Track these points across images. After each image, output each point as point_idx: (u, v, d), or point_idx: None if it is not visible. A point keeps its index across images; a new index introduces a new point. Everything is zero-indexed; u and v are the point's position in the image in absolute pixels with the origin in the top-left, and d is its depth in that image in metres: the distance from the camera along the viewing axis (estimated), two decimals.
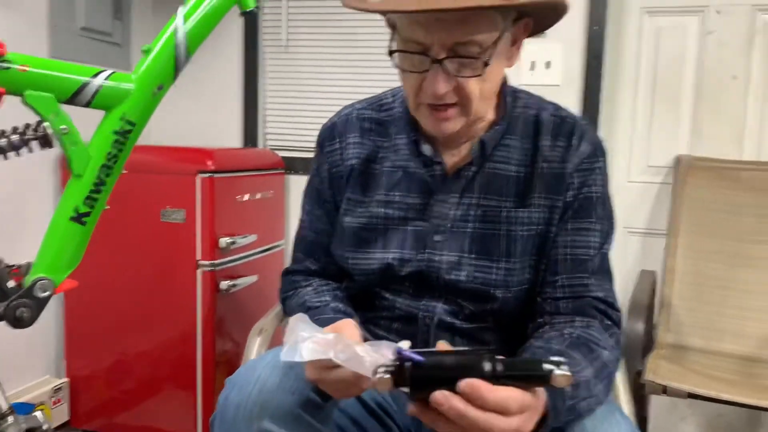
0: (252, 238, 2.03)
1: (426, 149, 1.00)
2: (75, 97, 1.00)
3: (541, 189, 0.98)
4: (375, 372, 0.68)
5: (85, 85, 1.01)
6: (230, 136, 2.41)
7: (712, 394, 1.45)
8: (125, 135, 1.05)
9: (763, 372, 1.76)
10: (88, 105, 1.02)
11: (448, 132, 0.93)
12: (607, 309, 0.96)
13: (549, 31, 1.00)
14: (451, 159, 1.01)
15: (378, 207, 1.03)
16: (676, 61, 2.08)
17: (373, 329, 1.06)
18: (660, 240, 2.02)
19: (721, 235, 1.95)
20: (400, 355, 0.68)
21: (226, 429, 0.87)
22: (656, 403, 2.04)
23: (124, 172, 1.07)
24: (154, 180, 1.88)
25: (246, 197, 2.02)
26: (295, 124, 2.37)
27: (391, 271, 1.01)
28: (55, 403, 2.00)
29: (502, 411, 0.67)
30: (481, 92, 0.90)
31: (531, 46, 2.03)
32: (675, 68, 2.09)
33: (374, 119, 1.07)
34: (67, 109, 0.99)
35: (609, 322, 0.95)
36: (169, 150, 2.01)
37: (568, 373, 0.66)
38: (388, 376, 0.68)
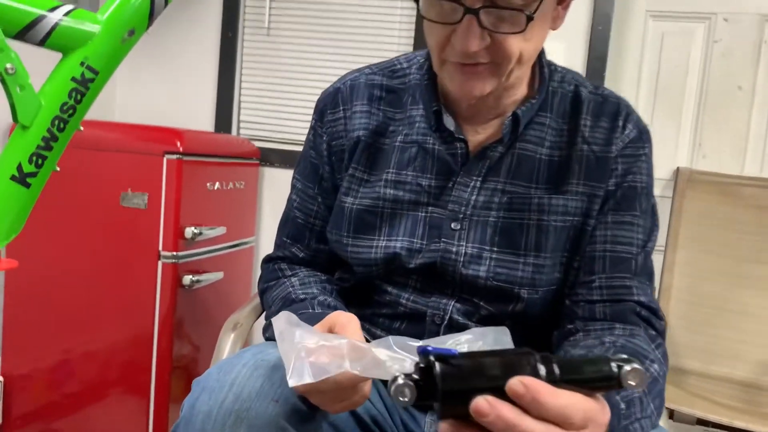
0: (221, 230, 1.85)
1: (448, 122, 0.86)
2: (26, 32, 0.83)
3: (580, 174, 0.85)
4: (393, 381, 0.50)
5: (40, 18, 0.84)
6: (201, 121, 2.23)
7: (725, 421, 1.33)
8: (85, 84, 0.88)
9: (764, 400, 1.65)
10: (42, 44, 0.85)
11: (477, 93, 0.79)
12: (650, 316, 0.82)
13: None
14: (475, 136, 0.87)
15: (386, 187, 0.88)
16: (680, 68, 1.99)
17: (370, 328, 0.90)
18: (657, 256, 1.90)
19: (720, 252, 1.85)
20: (424, 355, 0.51)
21: None
22: None
23: (80, 129, 0.90)
24: (115, 159, 1.69)
25: (216, 186, 1.85)
26: (273, 113, 2.21)
27: (398, 263, 0.86)
28: None
29: (564, 422, 0.50)
30: (521, 54, 0.76)
31: None
32: (678, 75, 1.99)
33: (385, 86, 0.92)
34: (16, 46, 0.82)
35: (653, 332, 0.81)
36: (133, 128, 1.83)
37: (641, 368, 0.51)
38: (410, 383, 0.50)
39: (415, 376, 0.50)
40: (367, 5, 2.08)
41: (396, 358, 0.54)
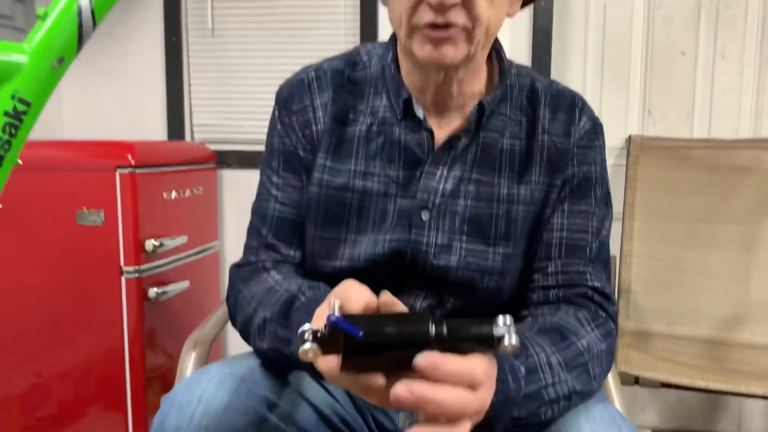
0: (182, 239, 1.84)
1: (418, 111, 0.86)
2: None
3: (542, 164, 0.87)
4: (300, 336, 0.57)
5: None
6: (154, 130, 2.20)
7: (686, 382, 1.38)
8: (19, 117, 0.87)
9: (727, 355, 1.71)
10: None
11: (449, 60, 0.77)
12: (602, 301, 0.84)
13: None
14: (439, 130, 0.88)
15: (355, 178, 0.87)
16: (624, 37, 2.02)
17: None
18: (616, 223, 1.94)
19: (675, 216, 1.90)
20: (333, 326, 0.57)
21: None
22: None
23: (19, 162, 0.88)
24: (67, 178, 1.67)
25: (173, 195, 1.83)
26: (226, 115, 2.19)
27: (370, 257, 0.86)
28: None
29: (470, 381, 0.59)
30: (489, 18, 0.77)
31: None
32: (623, 45, 2.02)
33: (348, 76, 0.91)
34: None
35: (603, 314, 0.83)
36: (83, 144, 1.80)
37: (514, 332, 0.58)
38: (315, 345, 0.57)
39: (323, 338, 0.57)
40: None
41: None
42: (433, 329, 0.57)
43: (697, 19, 1.97)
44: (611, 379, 0.93)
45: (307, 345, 0.56)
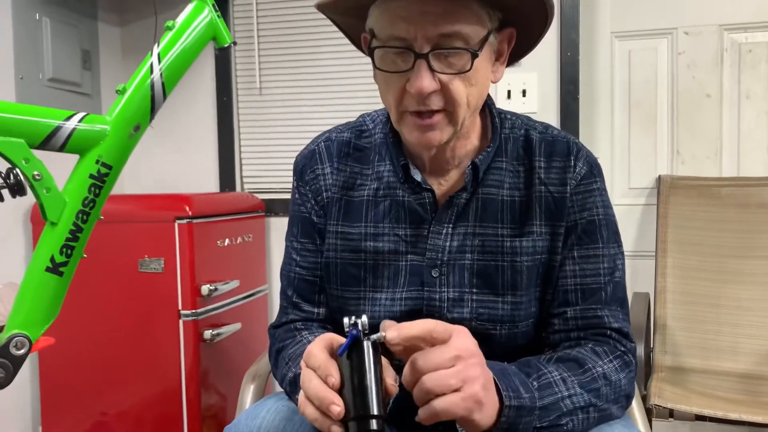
0: (234, 284, 1.96)
1: (416, 174, 0.93)
2: (48, 141, 0.95)
3: (542, 215, 0.92)
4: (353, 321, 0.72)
5: (58, 128, 0.97)
6: (207, 181, 2.36)
7: (720, 414, 1.41)
8: (102, 179, 1.00)
9: (765, 389, 1.73)
10: (62, 149, 0.97)
11: (436, 142, 0.86)
12: (620, 338, 0.91)
13: (523, 60, 0.98)
14: (440, 188, 0.95)
15: (366, 240, 0.96)
16: (650, 82, 2.10)
17: None
18: (649, 261, 2.00)
19: (707, 252, 1.94)
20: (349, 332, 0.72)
21: None
22: (655, 430, 1.99)
23: (101, 218, 1.01)
24: (130, 229, 1.81)
25: (226, 242, 1.97)
26: (272, 166, 2.34)
27: (390, 315, 0.93)
28: None
29: (430, 339, 0.71)
30: (468, 97, 0.84)
31: (506, 76, 2.05)
32: (649, 90, 2.11)
33: (354, 144, 1.00)
34: (38, 154, 0.95)
35: (622, 348, 0.90)
36: (144, 198, 1.96)
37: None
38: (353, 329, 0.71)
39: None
40: (349, 60, 2.22)
41: None
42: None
43: (720, 63, 2.04)
44: (636, 409, 0.99)
45: (346, 320, 0.72)
